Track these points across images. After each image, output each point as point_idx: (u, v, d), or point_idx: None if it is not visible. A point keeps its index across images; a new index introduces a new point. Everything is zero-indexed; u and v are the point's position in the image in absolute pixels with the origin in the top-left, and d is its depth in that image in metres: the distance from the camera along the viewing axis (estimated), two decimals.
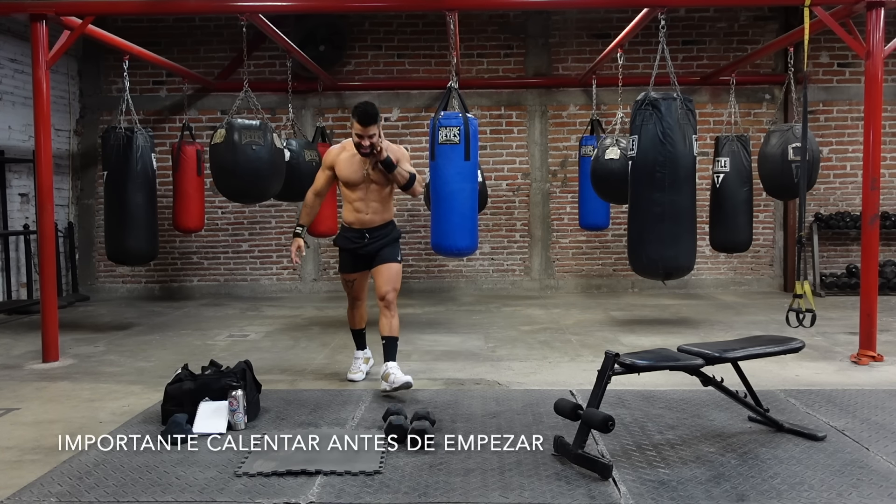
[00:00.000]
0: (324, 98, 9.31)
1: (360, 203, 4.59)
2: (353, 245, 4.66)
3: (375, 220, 4.61)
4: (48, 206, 5.77)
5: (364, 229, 4.61)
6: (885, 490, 3.02)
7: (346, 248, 4.71)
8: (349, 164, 4.55)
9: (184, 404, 3.87)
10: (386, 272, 4.57)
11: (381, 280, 4.57)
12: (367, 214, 4.59)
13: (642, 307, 8.18)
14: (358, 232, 4.63)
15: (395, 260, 4.62)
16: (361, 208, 4.59)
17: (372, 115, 4.31)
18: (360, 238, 4.62)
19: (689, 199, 5.71)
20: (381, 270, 4.58)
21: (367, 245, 4.62)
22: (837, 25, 5.66)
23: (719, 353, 3.59)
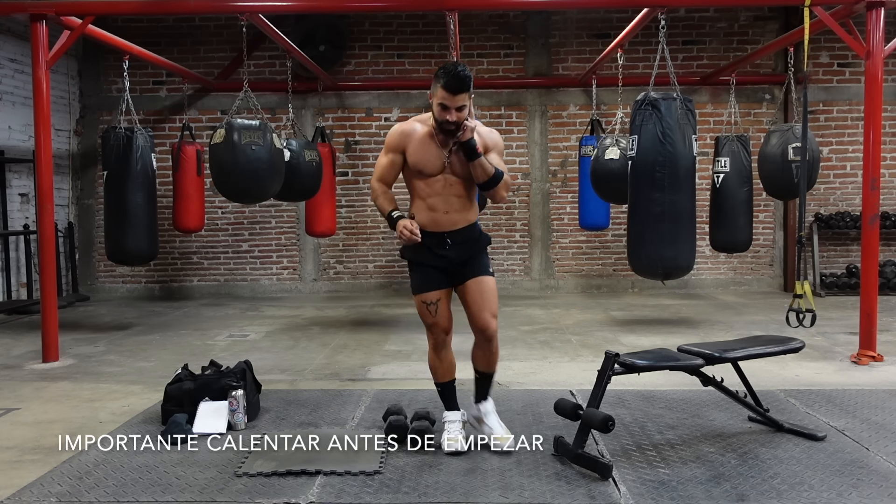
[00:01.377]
0: (324, 98, 9.31)
1: (437, 199, 3.45)
2: (429, 255, 3.47)
3: (458, 220, 3.47)
4: (48, 206, 5.77)
5: (444, 233, 3.45)
6: (885, 490, 3.02)
7: (421, 260, 3.51)
8: (424, 149, 3.44)
9: (184, 404, 3.87)
10: (480, 290, 3.45)
11: (475, 304, 3.44)
12: (445, 214, 3.45)
13: (642, 307, 8.18)
14: (436, 237, 3.45)
15: (490, 272, 3.53)
16: (438, 206, 3.45)
17: (465, 81, 3.22)
18: (440, 245, 3.45)
19: (688, 199, 5.71)
20: (473, 289, 3.45)
21: (449, 253, 3.46)
22: (837, 25, 5.66)
23: (719, 353, 3.59)
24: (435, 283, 3.48)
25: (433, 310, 3.48)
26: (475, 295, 3.45)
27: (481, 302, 3.44)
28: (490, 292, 3.47)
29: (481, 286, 3.46)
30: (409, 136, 3.48)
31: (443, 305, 3.49)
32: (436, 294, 3.48)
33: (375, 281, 9.53)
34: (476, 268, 3.49)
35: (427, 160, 3.45)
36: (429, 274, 3.50)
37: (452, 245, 3.46)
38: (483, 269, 3.50)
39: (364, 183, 9.46)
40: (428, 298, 3.48)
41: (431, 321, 3.50)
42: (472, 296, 3.45)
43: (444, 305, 3.50)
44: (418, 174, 3.49)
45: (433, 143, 3.43)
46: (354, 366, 5.39)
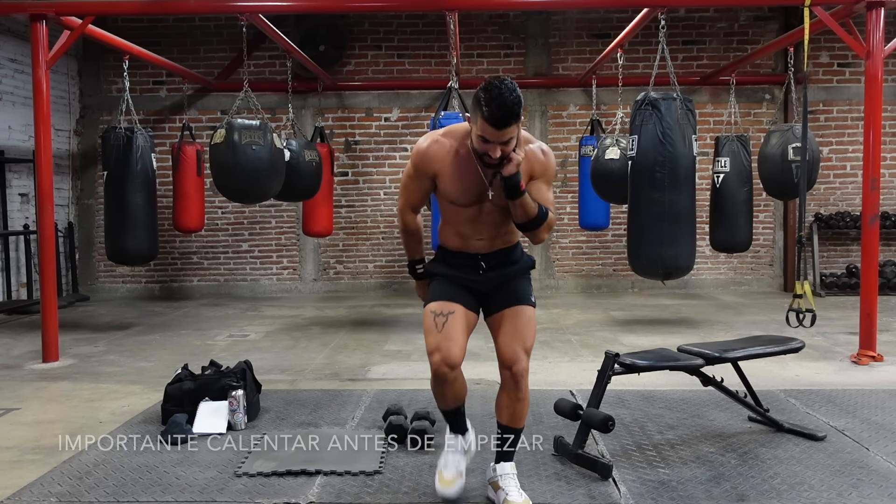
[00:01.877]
0: (324, 98, 9.31)
1: (469, 227, 2.84)
2: (461, 273, 2.89)
3: (495, 244, 2.88)
4: (48, 206, 5.77)
5: (478, 255, 2.86)
6: (885, 490, 3.02)
7: (444, 274, 2.92)
8: (459, 176, 2.75)
9: (184, 404, 3.87)
10: (514, 321, 2.80)
11: (506, 334, 2.79)
12: (479, 240, 2.86)
13: (642, 307, 8.18)
14: (468, 258, 2.87)
15: (529, 301, 2.88)
16: (469, 233, 2.85)
17: (513, 110, 2.50)
18: (473, 267, 2.86)
19: (688, 198, 5.71)
20: (507, 318, 2.81)
21: (482, 277, 2.87)
22: (837, 25, 5.66)
23: (719, 353, 3.59)
24: (455, 296, 2.83)
25: (440, 322, 2.75)
26: (507, 325, 2.80)
27: (513, 333, 2.78)
28: (526, 325, 2.81)
29: (517, 317, 2.81)
30: (440, 160, 2.78)
31: (456, 322, 2.76)
32: (451, 306, 2.79)
33: (375, 281, 9.53)
34: (513, 295, 2.85)
35: (463, 190, 2.77)
36: (452, 286, 2.87)
37: (487, 268, 2.86)
38: (522, 298, 2.85)
39: (364, 183, 9.46)
40: (439, 308, 2.78)
41: (434, 341, 2.74)
42: (504, 326, 2.80)
43: (458, 324, 2.77)
44: (451, 202, 2.83)
45: (471, 170, 2.72)
46: (354, 366, 5.39)
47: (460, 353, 2.74)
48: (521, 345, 2.78)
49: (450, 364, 2.72)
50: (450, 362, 2.72)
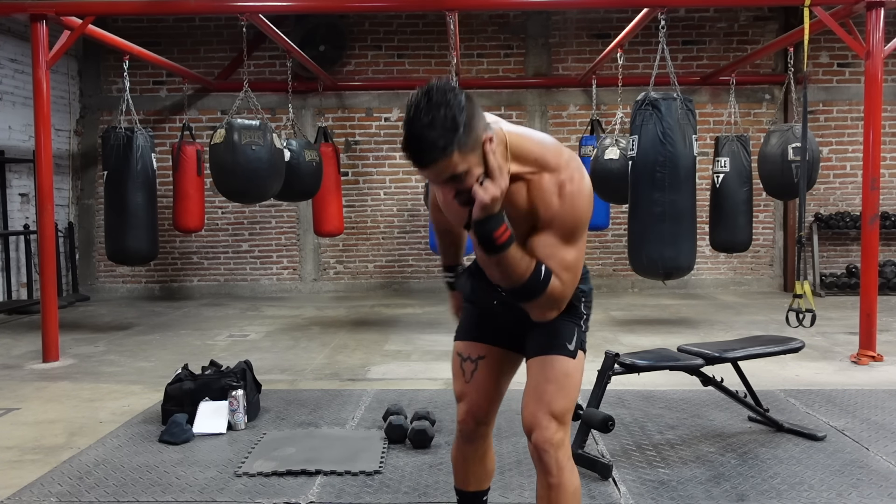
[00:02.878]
0: (324, 98, 9.31)
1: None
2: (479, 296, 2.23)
3: None
4: (48, 206, 5.77)
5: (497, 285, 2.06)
6: (885, 490, 3.02)
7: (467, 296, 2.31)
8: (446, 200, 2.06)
9: (184, 404, 3.87)
10: (538, 375, 2.07)
11: (527, 394, 2.09)
12: None
13: (642, 307, 8.18)
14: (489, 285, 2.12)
15: (564, 350, 2.06)
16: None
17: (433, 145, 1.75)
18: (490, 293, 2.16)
19: (689, 199, 5.71)
20: (531, 372, 2.10)
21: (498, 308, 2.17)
22: (837, 25, 5.66)
23: (719, 353, 3.59)
24: (482, 333, 2.22)
25: (468, 369, 2.20)
26: (531, 380, 2.09)
27: (534, 391, 2.06)
28: (556, 381, 2.04)
29: (544, 370, 2.06)
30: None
31: (486, 369, 2.20)
32: (478, 348, 2.21)
33: (375, 281, 9.53)
34: (545, 339, 2.08)
35: (450, 214, 2.13)
36: (478, 316, 2.24)
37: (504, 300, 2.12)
38: (555, 344, 2.06)
39: (364, 183, 9.47)
40: (465, 351, 2.22)
41: (460, 388, 2.23)
42: (528, 381, 2.10)
43: (488, 370, 2.20)
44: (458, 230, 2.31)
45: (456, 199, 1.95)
46: (354, 366, 5.39)
47: (491, 407, 2.21)
48: (545, 407, 2.02)
49: (474, 412, 2.20)
50: (478, 416, 2.20)
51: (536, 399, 2.04)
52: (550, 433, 2.01)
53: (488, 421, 2.25)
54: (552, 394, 2.03)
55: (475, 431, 2.24)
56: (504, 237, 1.81)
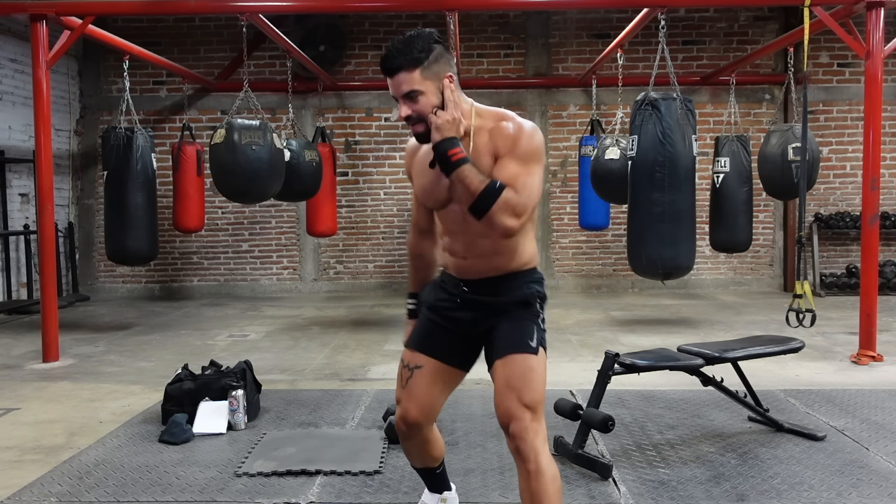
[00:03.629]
0: (324, 98, 9.31)
1: (456, 241, 2.33)
2: (439, 302, 2.42)
3: (483, 269, 2.31)
4: (48, 206, 5.77)
5: (461, 279, 2.35)
6: (885, 490, 3.02)
7: (428, 303, 2.46)
8: (422, 172, 2.36)
9: (184, 404, 3.87)
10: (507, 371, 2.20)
11: (498, 392, 2.21)
12: (464, 259, 2.32)
13: (642, 307, 8.18)
14: (453, 282, 2.37)
15: (528, 347, 2.22)
16: (457, 249, 2.33)
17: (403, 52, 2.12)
18: (454, 291, 2.37)
19: (688, 198, 5.71)
20: (497, 373, 2.23)
21: (462, 307, 2.35)
22: (837, 25, 5.66)
23: (719, 353, 3.59)
24: (430, 345, 2.39)
25: (405, 376, 2.39)
26: (499, 379, 2.22)
27: (504, 386, 2.19)
28: (523, 375, 2.18)
29: (509, 367, 2.20)
30: (413, 156, 2.47)
31: (423, 378, 2.37)
32: (420, 358, 2.38)
33: (375, 281, 9.53)
34: (505, 341, 2.24)
35: (426, 188, 2.36)
36: (432, 329, 2.41)
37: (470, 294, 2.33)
38: (517, 343, 2.22)
39: (364, 183, 9.47)
40: (408, 359, 2.41)
41: (398, 393, 2.42)
42: (496, 381, 2.23)
43: (423, 380, 2.37)
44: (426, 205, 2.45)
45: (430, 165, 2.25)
46: (354, 366, 5.39)
47: (420, 414, 2.37)
48: (517, 400, 2.14)
49: (407, 423, 2.39)
50: (408, 421, 2.39)
51: (508, 394, 2.18)
52: (526, 422, 2.13)
53: (420, 424, 2.40)
54: (521, 387, 2.17)
55: (408, 432, 2.43)
56: (458, 156, 2.11)
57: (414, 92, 2.13)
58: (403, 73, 2.12)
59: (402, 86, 2.13)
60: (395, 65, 2.12)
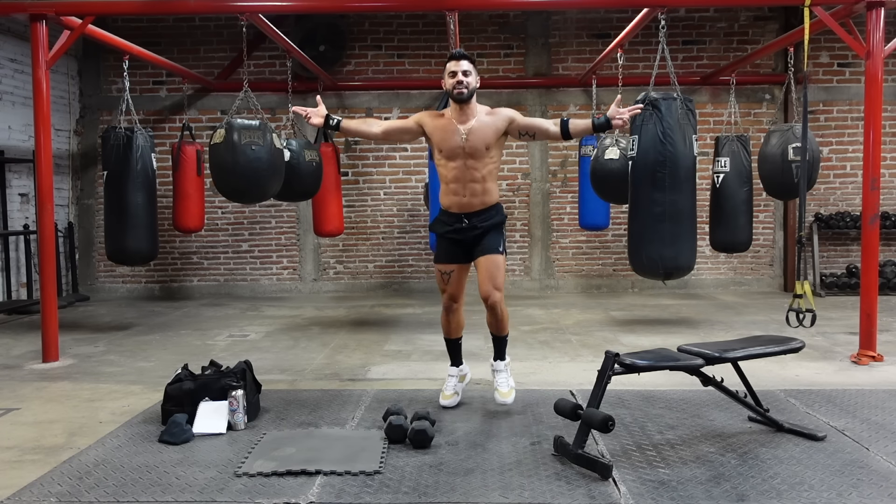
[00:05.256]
0: (324, 98, 9.25)
1: (456, 185, 3.99)
2: (448, 229, 4.07)
3: (475, 203, 4.00)
4: (48, 206, 5.77)
5: (462, 213, 4.02)
6: (885, 490, 3.02)
7: (440, 232, 4.12)
8: (443, 130, 4.00)
9: (184, 404, 3.87)
10: (486, 265, 3.96)
11: (481, 277, 3.98)
12: (464, 197, 3.99)
13: (642, 307, 8.18)
14: (455, 216, 4.04)
15: (497, 251, 3.99)
16: (458, 190, 3.99)
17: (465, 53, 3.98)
18: (458, 222, 4.04)
19: (689, 198, 5.71)
20: (481, 263, 3.98)
21: (465, 230, 4.03)
22: (837, 25, 5.66)
23: (719, 353, 3.59)
24: (451, 257, 4.08)
25: (446, 279, 4.09)
26: (482, 270, 3.98)
27: (486, 276, 3.95)
28: (495, 268, 3.95)
29: (488, 263, 3.97)
30: (432, 119, 4.07)
31: (455, 276, 4.08)
32: (450, 266, 4.09)
33: (375, 281, 9.53)
34: (486, 247, 3.99)
35: (447, 141, 3.97)
36: (448, 248, 4.09)
37: (469, 224, 4.02)
38: (491, 248, 3.98)
39: (364, 183, 9.47)
40: (444, 269, 4.10)
41: (443, 288, 4.12)
42: (480, 271, 3.99)
43: (457, 277, 4.09)
44: (440, 153, 4.01)
45: (453, 128, 3.97)
46: (354, 366, 5.39)
47: (458, 293, 4.13)
48: (492, 284, 3.94)
49: (452, 297, 4.13)
50: (452, 296, 4.13)
51: (487, 280, 3.96)
52: (496, 297, 3.97)
53: (458, 300, 4.15)
54: (493, 275, 3.96)
55: (451, 307, 4.16)
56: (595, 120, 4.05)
57: (467, 71, 3.92)
58: (466, 61, 3.94)
59: (462, 66, 3.93)
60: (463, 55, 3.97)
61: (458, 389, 4.28)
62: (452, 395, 4.24)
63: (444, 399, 4.22)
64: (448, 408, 4.16)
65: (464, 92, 3.91)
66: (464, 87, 3.90)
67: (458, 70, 3.90)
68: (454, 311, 4.17)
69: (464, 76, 3.91)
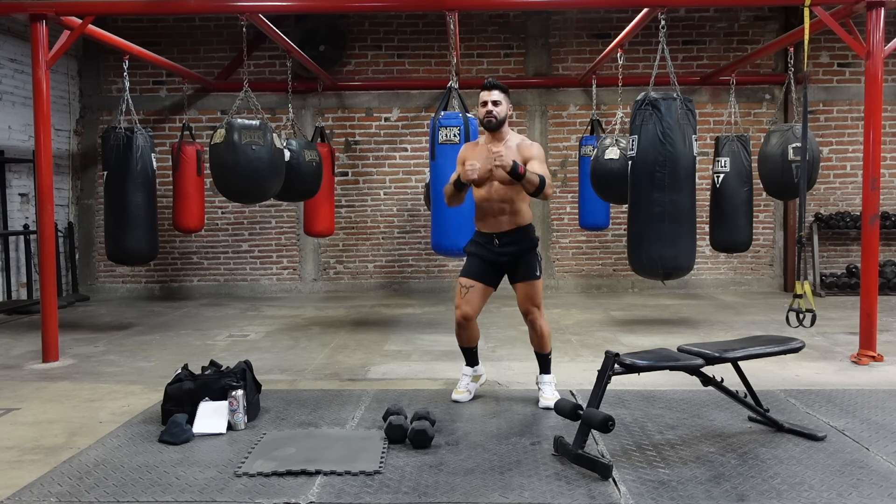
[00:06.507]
0: (324, 98, 9.31)
1: (486, 204, 4.12)
2: (482, 250, 4.17)
3: (505, 223, 4.11)
4: (48, 206, 5.77)
5: (493, 233, 4.14)
6: (885, 490, 3.02)
7: (474, 252, 4.21)
8: (475, 156, 4.13)
9: (184, 404, 3.86)
10: (525, 290, 4.13)
11: (520, 297, 4.16)
12: (494, 217, 4.12)
13: (642, 307, 8.18)
14: (487, 236, 4.15)
15: (535, 276, 4.13)
16: (488, 210, 4.13)
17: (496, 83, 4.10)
18: (490, 243, 4.14)
19: (689, 198, 5.70)
20: (520, 288, 4.15)
21: (497, 252, 4.13)
22: (837, 25, 5.66)
23: (719, 353, 3.59)
24: (478, 275, 4.16)
25: (464, 292, 4.15)
26: (520, 293, 4.16)
27: (524, 297, 4.15)
28: (533, 291, 4.13)
29: (526, 287, 4.14)
30: (469, 150, 4.26)
31: (474, 293, 4.14)
32: (472, 282, 4.16)
33: (375, 281, 9.53)
34: (524, 273, 4.14)
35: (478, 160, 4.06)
36: (477, 265, 4.18)
37: (500, 244, 4.12)
38: (529, 275, 4.13)
39: (364, 183, 9.47)
40: (465, 282, 4.17)
41: (459, 301, 4.18)
42: (518, 293, 4.17)
43: (476, 294, 4.14)
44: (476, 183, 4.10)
45: (482, 153, 4.09)
46: (354, 366, 5.39)
47: (473, 313, 4.17)
48: (531, 302, 4.14)
49: (465, 314, 4.16)
50: (465, 313, 4.16)
51: (526, 301, 4.15)
52: (536, 314, 4.17)
53: (471, 318, 4.18)
54: (532, 297, 4.14)
55: (461, 323, 4.21)
56: (522, 170, 3.87)
57: (497, 101, 4.08)
58: (496, 90, 4.09)
59: (493, 96, 4.08)
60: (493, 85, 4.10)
61: (470, 388, 4.38)
62: (464, 391, 4.35)
63: (456, 394, 4.34)
64: (458, 402, 4.30)
65: (493, 120, 4.07)
66: (493, 116, 4.06)
67: (489, 100, 4.06)
68: (465, 328, 4.23)
69: (493, 105, 4.06)
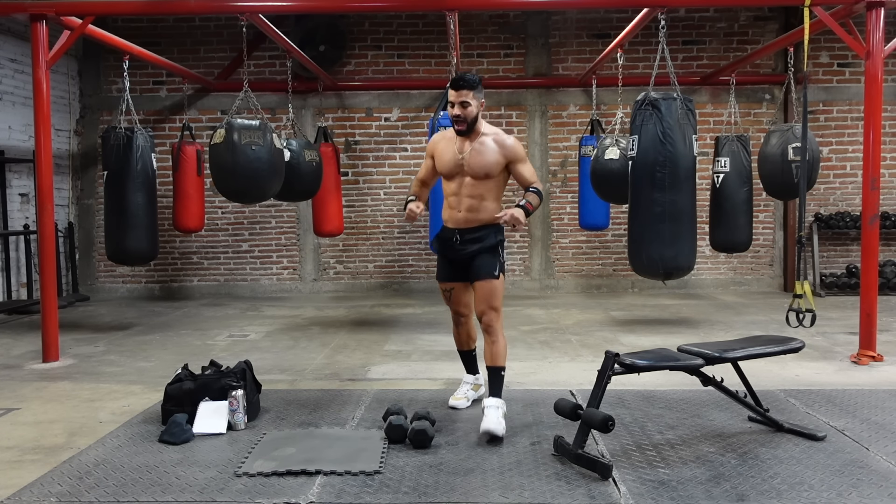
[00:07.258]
0: (324, 98, 9.31)
1: (454, 198, 3.90)
2: (445, 248, 4.00)
3: (470, 220, 3.87)
4: (48, 206, 5.77)
5: (456, 229, 3.92)
6: (885, 490, 3.02)
7: (437, 249, 4.10)
8: (444, 151, 3.93)
9: (184, 404, 3.87)
10: (480, 290, 3.85)
11: (476, 298, 3.90)
12: (459, 212, 3.89)
13: (642, 307, 8.18)
14: (450, 232, 3.95)
15: (491, 275, 3.82)
16: (454, 204, 3.90)
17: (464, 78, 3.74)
18: (451, 239, 3.94)
19: (689, 198, 5.71)
20: (476, 287, 3.88)
21: (456, 249, 3.92)
22: (837, 25, 5.66)
23: (719, 353, 3.59)
24: (449, 275, 4.04)
25: (447, 296, 4.10)
26: (476, 293, 3.92)
27: (481, 298, 3.88)
28: (489, 292, 3.84)
29: (481, 288, 3.87)
30: (438, 142, 4.03)
31: (456, 294, 4.06)
32: (449, 284, 4.06)
33: (375, 281, 9.53)
34: (479, 271, 3.88)
35: (444, 161, 3.94)
36: (445, 266, 4.06)
37: (460, 241, 3.92)
38: (485, 273, 3.85)
39: (364, 183, 9.47)
40: (444, 287, 4.10)
41: (447, 304, 4.16)
42: (476, 294, 3.92)
43: (458, 294, 4.06)
44: (442, 175, 3.98)
45: (452, 147, 3.90)
46: (354, 366, 5.39)
47: (464, 309, 4.10)
48: (487, 305, 3.84)
49: (458, 312, 4.12)
50: (458, 312, 4.12)
51: (482, 302, 3.85)
52: (491, 317, 3.84)
53: (465, 315, 4.11)
54: (489, 298, 3.84)
55: (458, 320, 4.15)
56: (529, 206, 3.76)
57: (466, 102, 3.75)
58: (465, 90, 3.73)
59: (461, 97, 3.74)
60: (461, 86, 3.74)
61: (469, 396, 4.25)
62: (462, 398, 4.22)
63: (453, 400, 4.22)
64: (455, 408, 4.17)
65: (462, 127, 3.79)
66: (462, 120, 3.76)
67: (456, 102, 3.73)
68: (462, 324, 4.14)
69: (462, 108, 3.74)
